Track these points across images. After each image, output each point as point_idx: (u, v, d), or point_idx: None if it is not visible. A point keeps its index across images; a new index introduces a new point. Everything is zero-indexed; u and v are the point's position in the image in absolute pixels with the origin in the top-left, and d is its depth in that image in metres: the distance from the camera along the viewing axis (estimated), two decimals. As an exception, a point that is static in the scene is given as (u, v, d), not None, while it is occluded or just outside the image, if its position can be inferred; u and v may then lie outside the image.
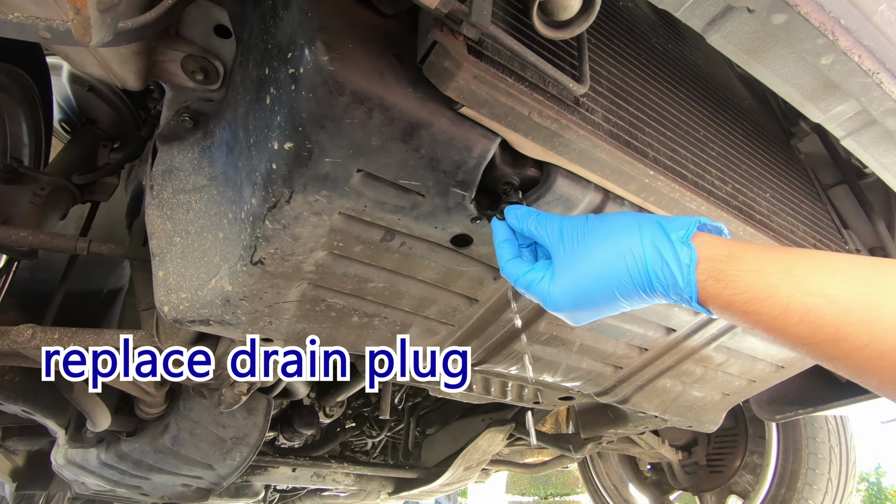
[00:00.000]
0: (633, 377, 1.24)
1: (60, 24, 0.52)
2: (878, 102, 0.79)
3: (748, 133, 1.19)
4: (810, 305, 0.42)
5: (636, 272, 0.53)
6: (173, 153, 0.89)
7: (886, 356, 0.38)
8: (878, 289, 0.40)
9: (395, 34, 0.61)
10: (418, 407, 2.66)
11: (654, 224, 0.54)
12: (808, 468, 2.11)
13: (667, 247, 0.51)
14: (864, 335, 0.39)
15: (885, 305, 0.39)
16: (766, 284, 0.45)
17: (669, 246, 0.51)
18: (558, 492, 9.07)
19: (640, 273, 0.53)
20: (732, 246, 0.50)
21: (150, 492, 1.64)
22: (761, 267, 0.46)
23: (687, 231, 0.52)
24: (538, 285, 0.62)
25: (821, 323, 0.41)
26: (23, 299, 1.39)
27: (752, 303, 0.45)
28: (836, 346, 0.41)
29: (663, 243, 0.52)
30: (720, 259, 0.49)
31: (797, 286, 0.43)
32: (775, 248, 0.48)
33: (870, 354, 0.39)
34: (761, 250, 0.48)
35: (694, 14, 0.73)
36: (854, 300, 0.40)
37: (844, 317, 0.40)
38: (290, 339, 0.92)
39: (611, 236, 0.56)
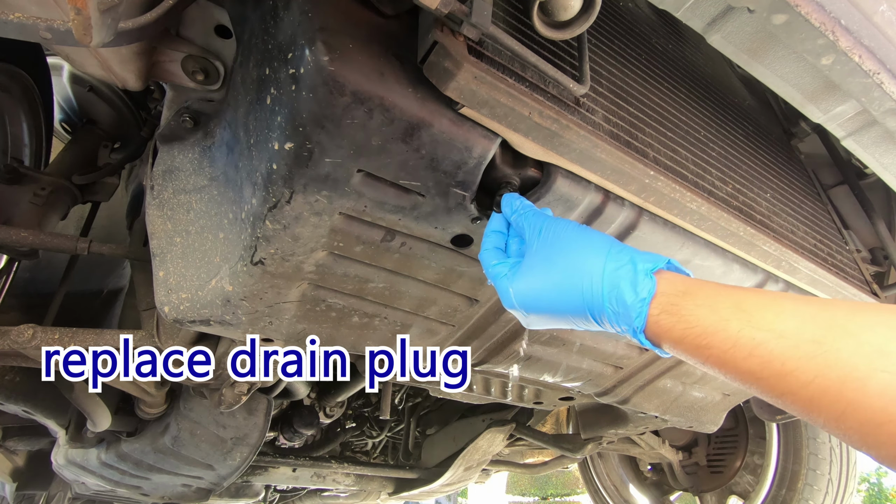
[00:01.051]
0: (634, 377, 1.24)
1: (61, 24, 0.52)
2: (878, 103, 0.79)
3: (749, 133, 1.19)
4: (758, 340, 0.42)
5: (591, 294, 0.53)
6: (174, 153, 0.89)
7: (830, 393, 0.38)
8: (823, 326, 0.40)
9: (395, 34, 0.61)
10: (419, 407, 2.66)
11: (623, 252, 0.55)
12: (808, 469, 2.11)
13: (628, 276, 0.52)
14: (809, 371, 0.39)
15: (829, 342, 0.39)
16: (718, 318, 0.45)
17: (632, 275, 0.51)
18: (558, 492, 9.07)
19: (595, 296, 0.53)
20: (689, 283, 0.50)
21: (150, 492, 1.64)
22: (714, 302, 0.47)
23: (654, 265, 0.52)
24: (501, 279, 0.62)
25: (769, 358, 0.41)
26: (23, 299, 1.39)
27: (703, 336, 0.46)
28: (783, 381, 0.41)
29: (626, 272, 0.52)
30: (675, 294, 0.49)
31: (747, 321, 0.44)
32: (729, 286, 0.49)
33: (814, 391, 0.39)
34: (715, 287, 0.49)
35: (694, 14, 0.73)
36: (800, 336, 0.41)
37: (791, 352, 0.40)
38: (291, 340, 0.92)
39: (580, 252, 0.56)
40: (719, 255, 0.92)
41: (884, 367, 0.36)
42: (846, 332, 0.39)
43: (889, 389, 0.35)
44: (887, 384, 0.36)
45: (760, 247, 0.91)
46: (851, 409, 0.37)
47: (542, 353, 1.10)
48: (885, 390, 0.35)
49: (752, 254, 0.93)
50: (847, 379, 0.37)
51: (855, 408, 0.37)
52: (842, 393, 0.37)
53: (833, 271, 1.06)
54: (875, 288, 1.20)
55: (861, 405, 0.36)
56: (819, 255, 1.06)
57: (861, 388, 0.36)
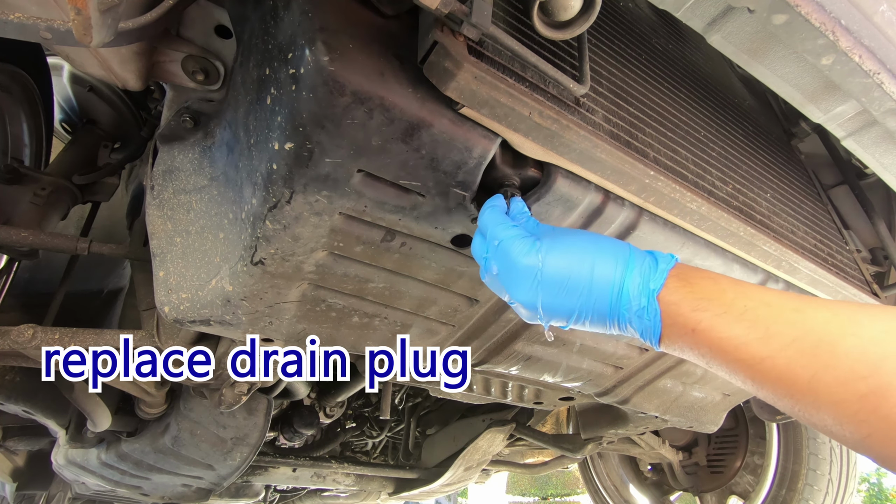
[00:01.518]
0: (634, 377, 1.24)
1: (61, 24, 0.52)
2: (878, 103, 0.79)
3: (749, 133, 1.19)
4: (748, 307, 0.48)
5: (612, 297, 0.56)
6: (174, 153, 0.89)
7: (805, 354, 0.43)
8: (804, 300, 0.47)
9: (395, 34, 0.61)
10: (419, 407, 2.66)
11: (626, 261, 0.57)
12: (808, 469, 2.11)
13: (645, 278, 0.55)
14: (788, 334, 0.45)
15: (808, 310, 0.45)
16: (717, 288, 0.52)
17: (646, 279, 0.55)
18: (559, 492, 9.07)
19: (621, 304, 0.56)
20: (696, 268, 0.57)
21: (150, 492, 1.64)
22: (715, 277, 0.54)
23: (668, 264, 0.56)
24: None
25: (755, 320, 0.47)
26: (23, 299, 1.39)
27: (700, 301, 0.51)
28: (765, 343, 0.46)
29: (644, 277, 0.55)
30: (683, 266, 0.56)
31: (742, 293, 0.50)
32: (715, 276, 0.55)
33: (792, 353, 0.44)
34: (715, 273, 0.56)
35: (694, 14, 0.73)
36: (783, 305, 0.47)
37: (775, 316, 0.46)
38: (291, 340, 0.92)
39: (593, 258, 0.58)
40: (719, 255, 0.92)
41: (853, 332, 0.42)
42: (823, 304, 0.46)
43: (855, 350, 0.41)
44: (854, 346, 0.41)
45: (760, 247, 0.91)
46: (823, 370, 0.42)
47: (543, 353, 1.10)
48: (851, 351, 0.41)
49: (752, 254, 0.93)
50: (821, 342, 0.43)
51: (826, 367, 0.42)
52: (815, 354, 0.42)
53: (833, 271, 1.06)
54: (875, 288, 1.20)
55: (831, 365, 0.41)
56: (819, 255, 1.06)
57: (832, 350, 0.42)
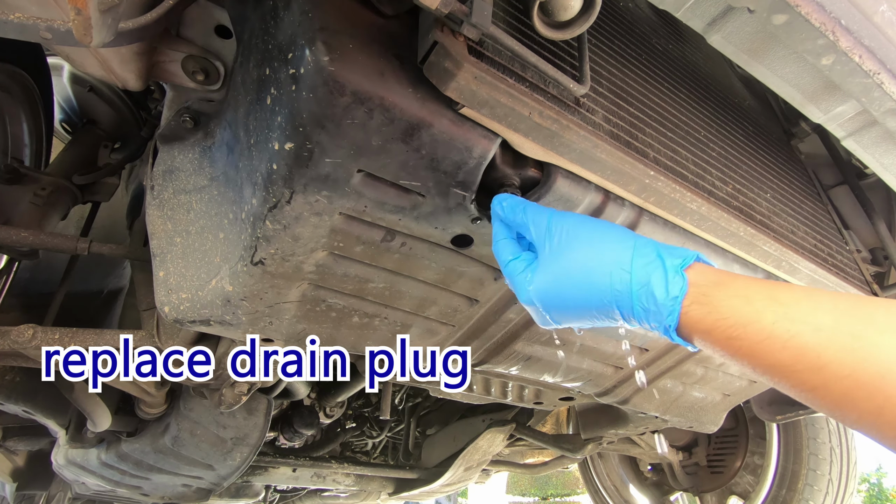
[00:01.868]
0: (634, 377, 1.24)
1: (61, 24, 0.52)
2: (878, 103, 0.79)
3: (749, 133, 1.18)
4: (793, 332, 0.42)
5: (620, 292, 0.52)
6: (174, 153, 0.89)
7: (867, 387, 0.38)
8: (862, 321, 0.40)
9: (395, 34, 0.61)
10: (419, 407, 2.66)
11: (650, 247, 0.53)
12: (808, 469, 2.11)
13: (659, 273, 0.50)
14: (846, 364, 0.39)
15: (867, 336, 0.39)
16: (752, 310, 0.45)
17: (662, 273, 0.50)
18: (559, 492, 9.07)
19: (624, 294, 0.52)
20: (721, 274, 0.50)
21: (150, 492, 1.64)
22: (747, 293, 0.46)
23: (684, 260, 0.51)
24: (518, 275, 0.60)
25: (804, 350, 0.41)
26: (23, 299, 1.39)
27: (736, 328, 0.45)
28: (817, 374, 0.40)
29: (656, 269, 0.51)
30: (707, 284, 0.49)
31: (782, 313, 0.43)
32: (761, 279, 0.48)
33: (851, 385, 0.39)
34: (748, 279, 0.48)
35: (694, 14, 0.73)
36: (837, 329, 0.40)
37: (827, 344, 0.40)
38: (291, 340, 0.92)
39: (601, 247, 0.54)
40: (719, 255, 0.92)
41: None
42: (885, 327, 0.39)
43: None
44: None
45: (760, 247, 0.91)
46: (889, 405, 0.37)
47: (543, 353, 1.10)
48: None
49: (752, 254, 0.93)
50: (886, 373, 0.37)
51: (893, 403, 0.36)
52: (880, 388, 0.37)
53: (833, 271, 1.06)
54: (875, 288, 1.20)
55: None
56: (819, 255, 1.06)
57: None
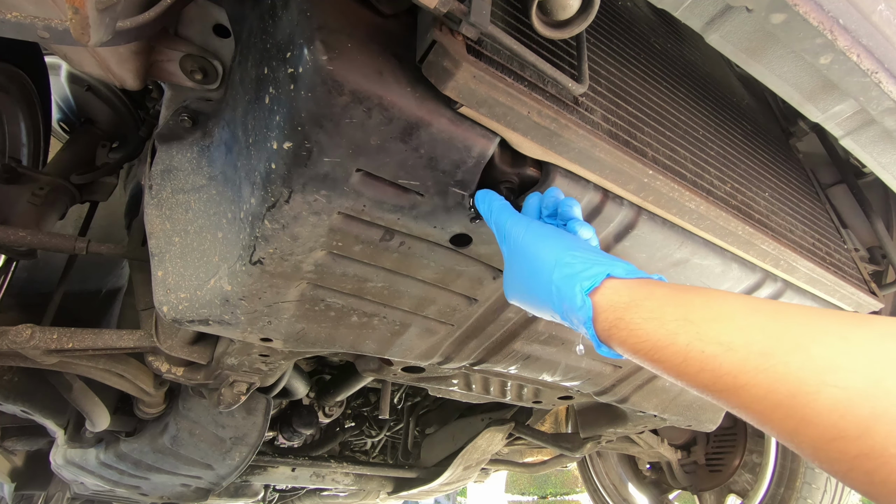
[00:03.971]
0: (633, 376, 1.24)
1: (59, 23, 0.52)
2: (876, 102, 0.79)
3: (747, 132, 1.19)
4: (708, 353, 0.41)
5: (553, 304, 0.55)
6: (172, 153, 0.89)
7: (781, 408, 0.37)
8: (773, 337, 0.39)
9: (394, 34, 0.61)
10: (418, 406, 2.66)
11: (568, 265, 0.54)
12: (806, 467, 2.12)
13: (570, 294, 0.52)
14: (760, 385, 0.38)
15: (778, 355, 0.38)
16: (666, 332, 0.44)
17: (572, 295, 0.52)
18: (558, 491, 9.07)
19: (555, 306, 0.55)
20: (636, 292, 0.49)
21: (149, 492, 1.64)
22: (661, 314, 0.45)
23: (593, 282, 0.51)
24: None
25: (720, 372, 0.40)
26: (21, 299, 1.39)
27: (655, 351, 0.45)
28: (736, 395, 0.39)
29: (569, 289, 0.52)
30: (621, 307, 0.48)
31: (695, 334, 0.42)
32: (679, 291, 0.47)
33: (767, 406, 0.37)
34: (664, 297, 0.47)
35: (693, 14, 0.73)
36: (749, 348, 0.39)
37: (741, 366, 0.39)
38: (290, 339, 0.92)
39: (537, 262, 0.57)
40: (718, 254, 0.92)
41: (834, 382, 0.35)
42: (796, 344, 0.38)
43: (839, 405, 0.34)
44: (837, 399, 0.34)
45: (759, 246, 0.91)
46: (803, 426, 0.36)
47: (541, 352, 1.10)
48: (835, 406, 0.34)
49: (750, 253, 0.93)
50: (797, 394, 0.36)
51: (806, 424, 0.35)
52: (793, 408, 0.36)
53: (831, 270, 1.06)
54: (873, 287, 1.20)
55: (812, 421, 0.35)
56: (817, 254, 1.07)
57: (811, 404, 0.35)
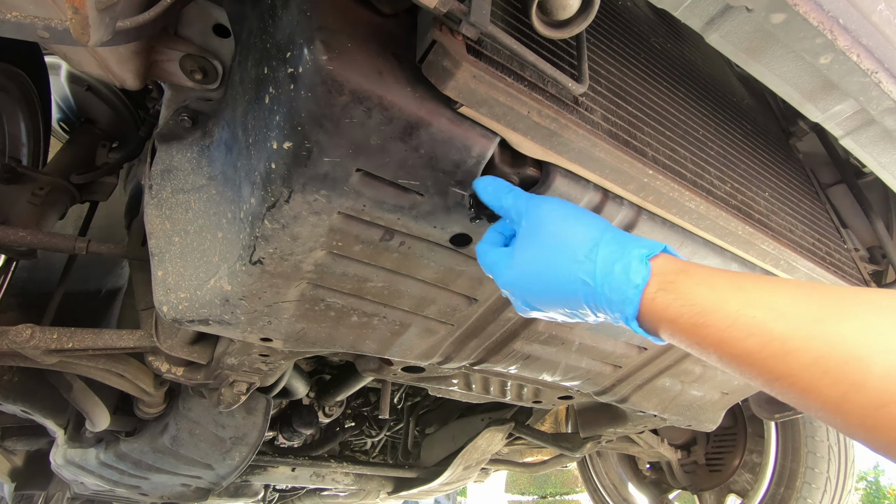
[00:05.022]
0: (633, 376, 1.25)
1: (59, 23, 0.52)
2: (876, 102, 0.79)
3: (747, 132, 1.19)
4: (759, 319, 0.42)
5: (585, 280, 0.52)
6: (172, 153, 0.89)
7: (831, 374, 0.37)
8: (826, 306, 0.40)
9: (394, 33, 0.61)
10: (418, 406, 2.66)
11: (618, 237, 0.53)
12: (806, 467, 2.12)
13: (623, 262, 0.51)
14: (811, 350, 0.38)
15: (831, 322, 0.38)
16: (717, 297, 0.45)
17: (626, 262, 0.51)
18: (557, 491, 9.08)
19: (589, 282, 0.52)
20: (687, 264, 0.50)
21: (149, 491, 1.64)
22: (712, 281, 0.46)
23: (650, 251, 0.51)
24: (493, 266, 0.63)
25: (769, 337, 0.41)
26: (21, 299, 1.39)
27: (701, 315, 0.45)
28: (782, 361, 0.40)
29: (621, 258, 0.51)
30: (673, 272, 0.49)
31: (746, 300, 0.43)
32: (728, 270, 0.48)
33: (816, 371, 0.38)
34: (713, 269, 0.49)
35: (693, 13, 0.73)
36: (802, 315, 0.40)
37: (792, 331, 0.40)
38: (290, 339, 0.92)
39: (571, 234, 0.55)
40: (718, 253, 0.92)
41: (888, 348, 0.35)
42: (849, 313, 0.38)
43: (893, 370, 0.34)
44: (892, 364, 0.35)
45: (759, 245, 0.91)
46: (854, 391, 0.36)
47: (541, 352, 1.10)
48: (889, 371, 0.35)
49: (750, 252, 0.93)
50: (850, 359, 0.36)
51: (857, 389, 0.36)
52: (844, 374, 0.36)
53: (831, 270, 1.06)
54: (873, 287, 1.20)
55: (864, 386, 0.35)
56: (817, 253, 1.07)
57: (864, 369, 0.35)
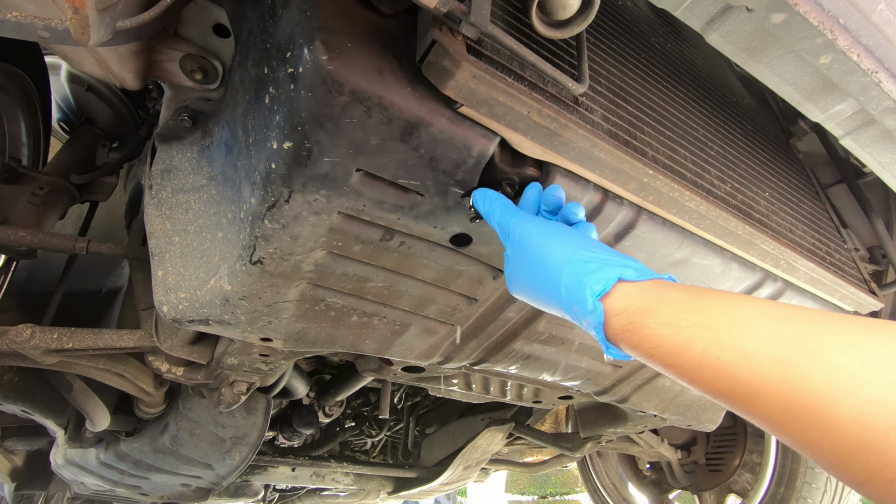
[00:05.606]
0: (633, 376, 1.24)
1: (59, 23, 0.52)
2: (876, 101, 0.79)
3: (747, 132, 1.19)
4: (724, 361, 0.40)
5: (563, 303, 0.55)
6: (172, 153, 0.89)
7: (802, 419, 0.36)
8: (794, 346, 0.38)
9: (394, 33, 0.61)
10: (418, 406, 2.66)
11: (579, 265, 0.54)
12: (807, 467, 2.12)
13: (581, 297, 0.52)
14: (780, 396, 0.37)
15: (801, 365, 0.37)
16: (682, 338, 0.44)
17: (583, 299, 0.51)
18: (558, 491, 9.08)
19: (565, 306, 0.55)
20: (650, 296, 0.48)
21: (149, 491, 1.64)
22: (676, 320, 0.45)
23: (605, 286, 0.50)
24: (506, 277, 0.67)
25: (736, 379, 0.40)
26: (21, 299, 1.39)
27: (670, 357, 0.44)
28: (752, 403, 0.39)
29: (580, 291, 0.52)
30: (635, 311, 0.48)
31: (711, 341, 0.42)
32: (694, 295, 0.46)
33: (786, 416, 0.37)
34: (679, 301, 0.46)
35: (693, 13, 0.73)
36: (769, 357, 0.38)
37: (759, 374, 0.38)
38: (290, 339, 0.92)
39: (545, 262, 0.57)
40: (718, 253, 0.92)
41: (858, 394, 0.34)
42: (817, 354, 0.37)
43: (863, 417, 0.33)
44: (861, 411, 0.34)
45: (759, 245, 0.91)
46: (826, 437, 0.35)
47: (542, 351, 1.10)
48: (858, 418, 0.34)
49: (750, 252, 0.93)
50: (820, 406, 0.35)
51: (829, 435, 0.35)
52: (814, 420, 0.36)
53: (831, 270, 1.06)
54: (873, 287, 1.20)
55: (834, 433, 0.35)
56: (817, 253, 1.07)
57: (833, 416, 0.35)
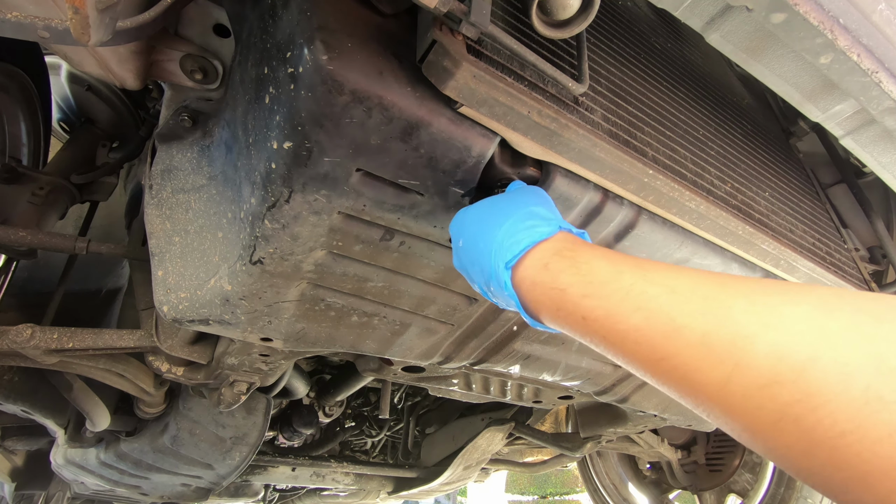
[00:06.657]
0: (633, 376, 1.25)
1: (59, 23, 0.52)
2: (876, 101, 0.79)
3: (747, 132, 1.19)
4: (650, 294, 0.40)
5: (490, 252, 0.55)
6: (172, 152, 0.89)
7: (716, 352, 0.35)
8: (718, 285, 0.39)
9: (394, 33, 0.61)
10: (418, 406, 2.66)
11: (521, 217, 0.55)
12: (807, 467, 2.11)
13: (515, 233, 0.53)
14: (697, 327, 0.37)
15: (721, 298, 0.37)
16: (613, 270, 0.44)
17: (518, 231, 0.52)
18: (558, 491, 9.08)
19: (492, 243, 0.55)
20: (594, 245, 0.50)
21: (149, 491, 1.64)
22: (613, 257, 0.46)
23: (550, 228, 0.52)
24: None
25: (657, 311, 0.39)
26: (22, 299, 1.39)
27: (592, 285, 0.44)
28: (668, 339, 0.38)
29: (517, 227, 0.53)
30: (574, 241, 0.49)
31: (643, 277, 0.42)
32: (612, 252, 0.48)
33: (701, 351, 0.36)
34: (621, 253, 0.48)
35: (693, 13, 0.73)
36: (693, 292, 0.39)
37: (681, 307, 0.38)
38: (290, 339, 0.92)
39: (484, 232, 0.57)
40: (718, 253, 0.92)
41: (775, 326, 0.34)
42: (740, 291, 0.37)
43: (778, 348, 0.33)
44: (776, 343, 0.33)
45: (759, 245, 0.91)
46: (737, 372, 0.34)
47: (542, 351, 1.10)
48: (773, 349, 0.33)
49: (750, 252, 0.93)
50: (736, 337, 0.35)
51: (741, 370, 0.34)
52: (729, 353, 0.35)
53: (831, 270, 1.06)
54: (873, 286, 1.20)
55: (747, 365, 0.34)
56: (817, 253, 1.07)
57: (748, 348, 0.34)
